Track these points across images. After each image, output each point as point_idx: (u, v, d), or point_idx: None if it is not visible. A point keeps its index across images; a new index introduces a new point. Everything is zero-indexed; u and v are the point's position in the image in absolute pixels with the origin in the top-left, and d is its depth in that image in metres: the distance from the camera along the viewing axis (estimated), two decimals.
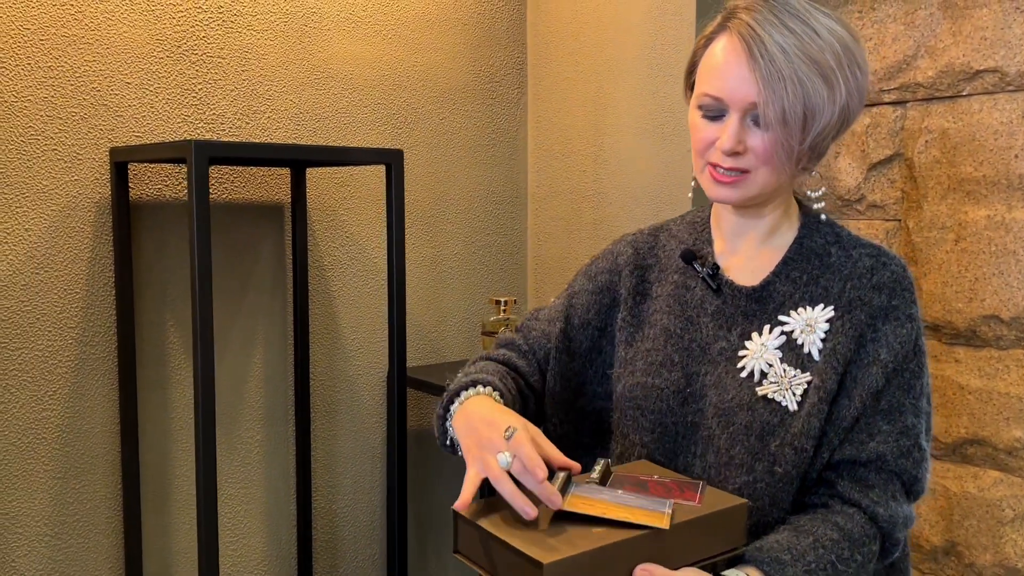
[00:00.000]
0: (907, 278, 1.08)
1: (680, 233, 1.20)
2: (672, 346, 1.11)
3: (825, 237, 1.11)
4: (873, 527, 1.03)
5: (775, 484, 1.02)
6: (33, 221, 1.56)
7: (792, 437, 1.02)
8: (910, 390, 1.05)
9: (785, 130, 0.98)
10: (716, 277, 1.12)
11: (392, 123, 1.98)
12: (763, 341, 1.06)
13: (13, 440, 1.57)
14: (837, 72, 0.99)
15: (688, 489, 0.96)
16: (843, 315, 1.05)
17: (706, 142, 1.04)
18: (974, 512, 1.68)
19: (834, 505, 1.03)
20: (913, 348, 1.05)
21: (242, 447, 1.83)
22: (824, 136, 1.01)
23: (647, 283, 1.18)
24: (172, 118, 1.69)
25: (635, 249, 1.20)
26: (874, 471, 1.03)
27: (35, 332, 1.58)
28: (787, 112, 0.97)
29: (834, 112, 0.99)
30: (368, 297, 1.98)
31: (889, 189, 1.79)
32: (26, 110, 1.55)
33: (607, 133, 2.03)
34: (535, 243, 2.25)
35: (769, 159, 1.01)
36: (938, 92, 1.69)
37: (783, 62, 0.97)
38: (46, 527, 1.60)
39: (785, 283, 1.09)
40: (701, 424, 1.07)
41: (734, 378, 1.06)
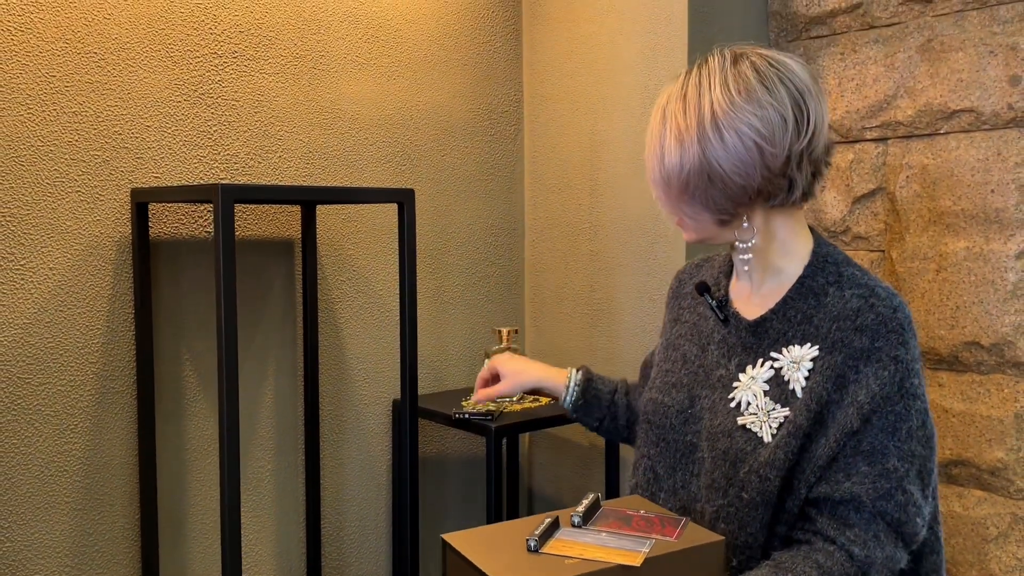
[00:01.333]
0: (895, 320, 1.07)
1: (717, 265, 1.31)
2: (685, 369, 1.22)
3: (827, 277, 1.14)
4: (851, 564, 1.04)
5: (743, 509, 1.07)
6: (57, 260, 1.62)
7: (759, 466, 1.07)
8: (894, 433, 1.04)
9: (656, 189, 1.15)
10: (724, 308, 1.20)
11: (396, 160, 2.06)
12: (754, 374, 1.13)
13: (36, 473, 1.61)
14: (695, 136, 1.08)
15: (669, 525, 1.01)
16: (825, 355, 1.08)
17: None
18: (959, 530, 1.75)
19: (815, 542, 1.06)
20: (898, 390, 1.05)
21: (254, 476, 1.88)
22: (699, 193, 1.10)
23: (681, 310, 1.31)
24: (189, 159, 1.76)
25: (679, 280, 1.35)
26: (854, 511, 1.04)
27: (58, 367, 1.62)
28: (652, 173, 1.13)
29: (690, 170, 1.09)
30: (375, 329, 2.05)
31: (873, 221, 1.88)
32: (52, 153, 1.60)
33: (602, 168, 2.11)
34: (532, 274, 2.32)
35: (670, 212, 1.17)
36: (917, 130, 1.79)
37: (656, 125, 1.13)
38: (67, 558, 1.64)
39: (781, 320, 1.14)
40: (698, 445, 1.15)
41: (724, 405, 1.14)
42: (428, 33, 2.09)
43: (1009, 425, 1.66)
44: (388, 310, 2.06)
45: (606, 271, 2.12)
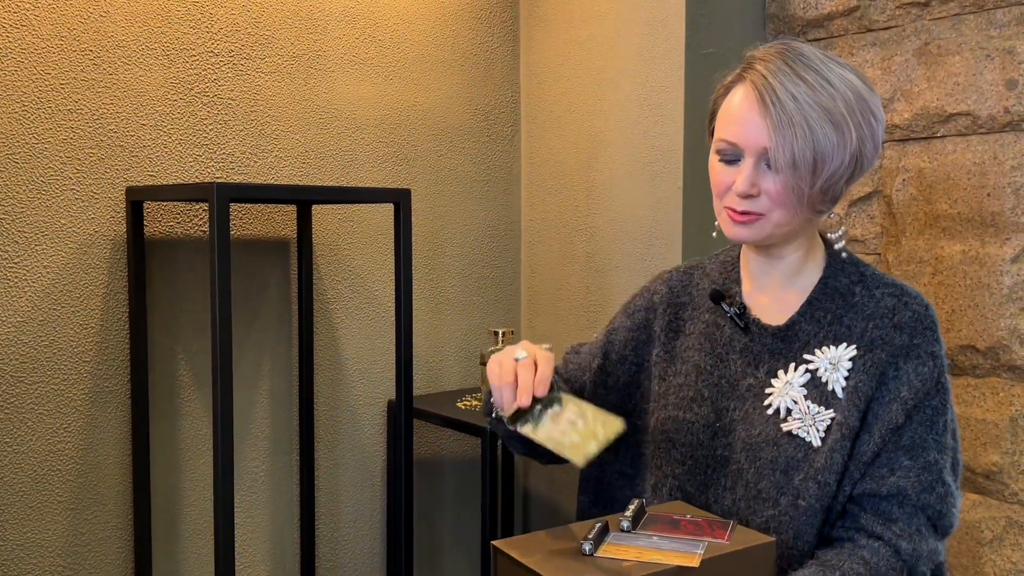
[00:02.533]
0: (929, 317, 1.10)
1: (712, 272, 1.25)
2: (703, 382, 1.16)
3: (850, 277, 1.14)
4: (899, 561, 1.04)
5: (799, 518, 1.06)
6: (51, 258, 1.61)
7: (815, 472, 1.05)
8: (933, 426, 1.07)
9: (795, 173, 1.03)
10: (744, 316, 1.16)
11: (393, 160, 2.05)
12: (788, 379, 1.10)
13: (29, 472, 1.60)
14: (848, 119, 1.03)
15: (718, 528, 1.00)
16: (865, 354, 1.09)
17: (724, 185, 1.09)
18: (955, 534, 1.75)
19: (859, 539, 1.06)
20: (935, 385, 1.08)
21: (248, 476, 1.87)
22: (835, 180, 1.05)
23: (680, 320, 1.23)
24: (184, 158, 1.75)
25: (670, 288, 1.26)
26: (897, 505, 1.05)
27: (52, 366, 1.62)
28: (796, 156, 1.02)
29: (845, 158, 1.04)
30: (370, 330, 2.04)
31: (869, 224, 1.88)
32: (46, 152, 1.60)
33: (599, 170, 2.11)
34: (528, 275, 2.32)
35: (781, 201, 1.05)
36: (914, 133, 1.79)
37: (793, 109, 1.02)
38: (59, 558, 1.63)
39: (810, 323, 1.13)
40: (730, 458, 1.11)
41: (761, 414, 1.11)
42: (425, 33, 2.09)
43: (1004, 429, 1.66)
44: (384, 310, 2.06)
45: (602, 272, 2.12)
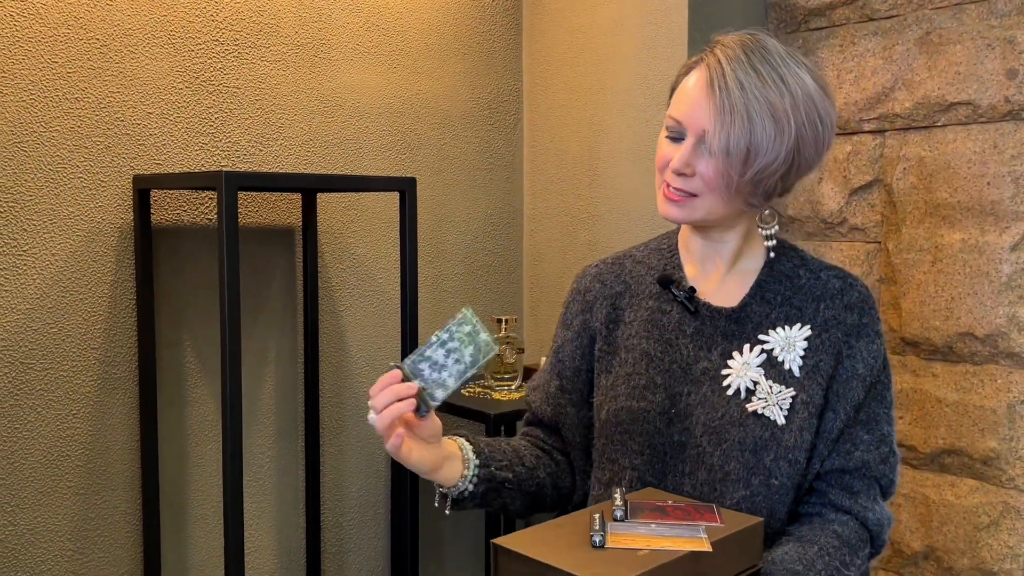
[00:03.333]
0: (871, 297, 1.17)
1: (647, 259, 1.24)
2: (653, 369, 1.15)
3: (792, 261, 1.18)
4: (864, 531, 1.11)
5: (771, 496, 1.09)
6: (59, 246, 1.62)
7: (786, 450, 1.08)
8: (883, 400, 1.14)
9: (727, 160, 1.04)
10: (693, 300, 1.17)
11: (396, 149, 2.06)
12: (745, 360, 1.12)
13: (39, 458, 1.62)
14: (791, 117, 1.04)
15: (706, 511, 1.02)
16: (820, 334, 1.12)
17: (663, 160, 1.12)
18: (952, 519, 1.77)
19: (827, 513, 1.11)
20: (883, 362, 1.14)
21: (254, 462, 1.89)
22: (767, 174, 1.06)
23: (618, 310, 1.22)
24: (190, 146, 1.76)
25: (601, 282, 1.25)
26: (858, 478, 1.12)
27: (60, 353, 1.63)
28: (731, 143, 1.03)
29: (780, 153, 1.05)
30: (375, 317, 2.06)
31: (869, 213, 1.90)
32: (53, 140, 1.61)
33: (601, 159, 2.12)
34: (531, 263, 2.33)
35: (712, 185, 1.07)
36: (915, 122, 1.80)
37: (738, 97, 1.03)
38: (69, 542, 1.65)
39: (761, 304, 1.15)
40: (688, 443, 1.12)
41: (721, 396, 1.11)
42: (428, 21, 2.09)
43: (1002, 415, 1.68)
44: (388, 298, 2.07)
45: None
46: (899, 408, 1.85)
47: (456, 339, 1.02)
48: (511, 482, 1.15)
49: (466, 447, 1.13)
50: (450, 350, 1.02)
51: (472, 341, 1.02)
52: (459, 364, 1.02)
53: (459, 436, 1.15)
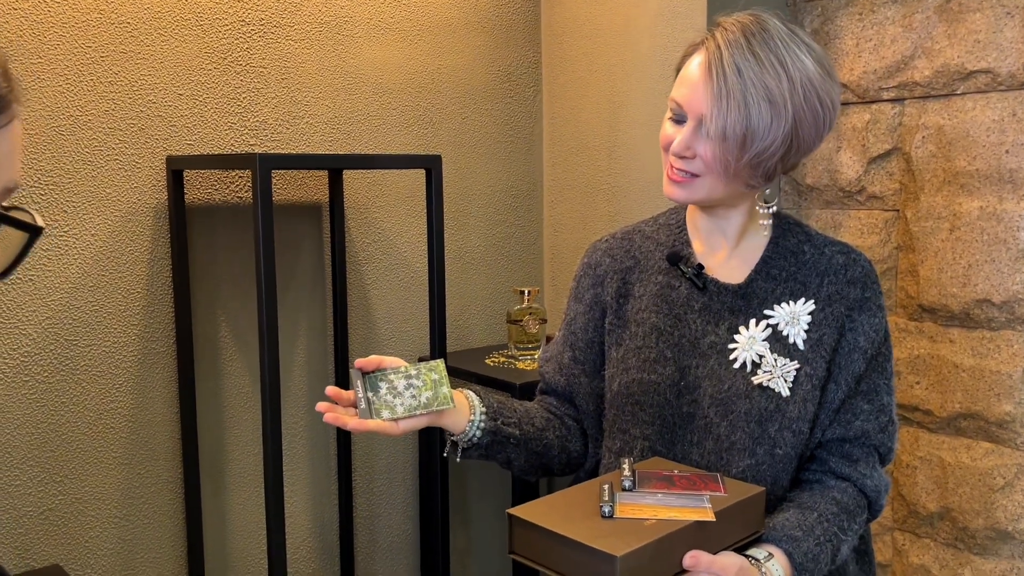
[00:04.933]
0: (874, 272, 1.20)
1: (656, 235, 1.27)
2: (664, 343, 1.19)
3: (797, 236, 1.21)
4: (862, 497, 1.16)
5: (776, 465, 1.13)
6: (98, 226, 1.68)
7: (790, 421, 1.12)
8: (883, 372, 1.18)
9: (724, 145, 1.06)
10: (701, 276, 1.20)
11: (419, 124, 2.10)
12: (751, 334, 1.16)
13: (85, 430, 1.69)
14: (788, 101, 1.06)
15: (710, 481, 1.06)
16: (824, 308, 1.16)
17: (666, 141, 1.14)
18: (967, 480, 1.82)
19: (827, 480, 1.16)
20: (884, 335, 1.18)
21: (287, 431, 1.96)
22: (765, 158, 1.08)
23: (628, 284, 1.25)
24: (220, 127, 1.80)
25: (612, 257, 1.28)
26: (858, 446, 1.16)
27: (102, 329, 1.69)
28: (727, 129, 1.05)
29: (777, 138, 1.06)
30: (401, 290, 2.11)
31: (888, 181, 1.92)
32: (89, 123, 1.65)
33: (621, 129, 2.14)
34: (551, 235, 2.37)
35: (710, 167, 1.10)
36: (934, 91, 1.81)
37: (734, 83, 1.05)
38: (116, 509, 1.73)
39: (766, 280, 1.18)
40: (696, 414, 1.16)
41: (728, 369, 1.15)
42: None
43: (1017, 380, 1.72)
44: (413, 271, 2.12)
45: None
46: (916, 373, 1.88)
47: (421, 379, 1.09)
48: (516, 439, 1.19)
49: (472, 397, 1.17)
50: (411, 385, 1.09)
51: (434, 388, 1.09)
52: (414, 400, 1.08)
53: (469, 389, 1.20)
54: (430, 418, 1.11)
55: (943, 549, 1.87)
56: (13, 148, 0.69)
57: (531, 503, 1.02)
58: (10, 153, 0.68)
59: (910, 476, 1.92)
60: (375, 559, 2.12)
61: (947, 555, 1.87)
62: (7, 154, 0.68)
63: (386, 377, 1.08)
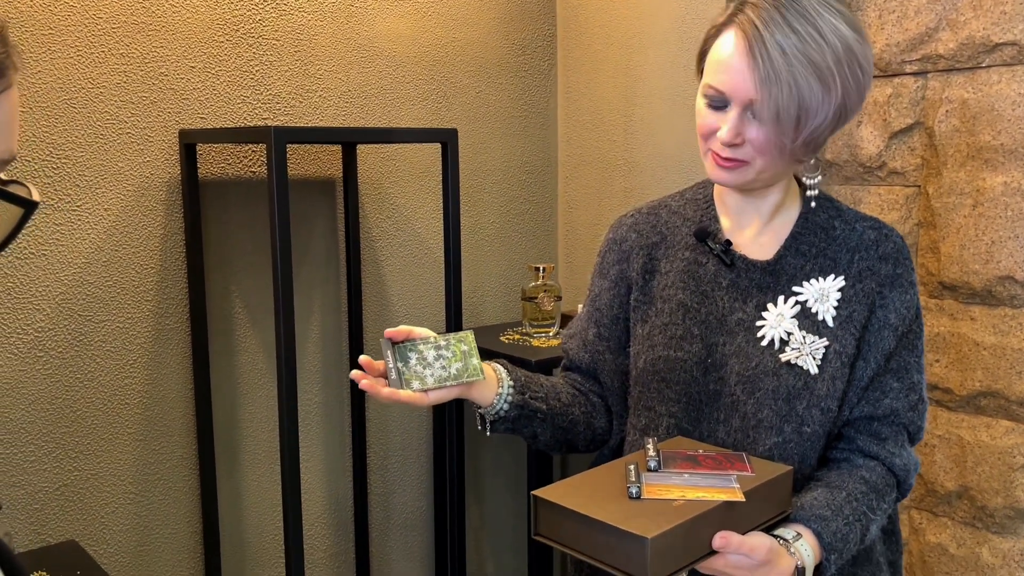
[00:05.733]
0: (906, 248, 1.18)
1: (683, 210, 1.25)
2: (690, 320, 1.17)
3: (828, 212, 1.19)
4: (891, 476, 1.15)
5: (803, 443, 1.11)
6: (111, 201, 1.66)
7: (818, 399, 1.11)
8: (914, 349, 1.16)
9: (778, 127, 1.03)
10: (729, 253, 1.18)
11: (433, 98, 2.07)
12: (779, 311, 1.14)
13: (99, 406, 1.68)
14: (836, 73, 1.03)
15: (736, 460, 1.04)
16: (854, 284, 1.14)
17: (709, 129, 1.10)
18: (986, 459, 1.80)
19: (855, 459, 1.14)
20: (915, 312, 1.16)
21: (302, 408, 1.95)
22: (818, 133, 1.06)
23: (655, 260, 1.23)
24: (233, 100, 1.78)
25: (638, 232, 1.26)
26: (887, 425, 1.14)
27: (116, 305, 1.68)
28: (781, 111, 1.02)
29: (829, 112, 1.04)
30: (415, 267, 2.09)
31: (910, 156, 1.89)
32: (101, 96, 1.63)
33: (637, 104, 2.11)
34: (565, 211, 2.34)
35: (764, 151, 1.07)
36: (958, 64, 1.78)
37: (781, 63, 1.01)
38: (131, 485, 1.73)
39: (796, 256, 1.16)
40: (723, 391, 1.14)
41: (755, 347, 1.13)
42: None
43: None
44: (428, 247, 2.10)
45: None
46: (936, 351, 1.86)
47: (450, 350, 1.08)
48: (544, 413, 1.19)
49: (500, 370, 1.17)
50: (441, 355, 1.07)
51: (463, 359, 1.08)
52: (443, 371, 1.07)
53: (497, 362, 1.20)
54: (460, 389, 1.10)
55: (961, 528, 1.86)
56: (10, 117, 0.66)
57: (555, 484, 1.01)
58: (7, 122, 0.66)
59: (928, 455, 1.91)
60: (389, 535, 2.12)
61: (965, 534, 1.86)
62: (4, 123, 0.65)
63: (415, 348, 1.06)
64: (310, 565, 1.99)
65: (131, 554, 1.73)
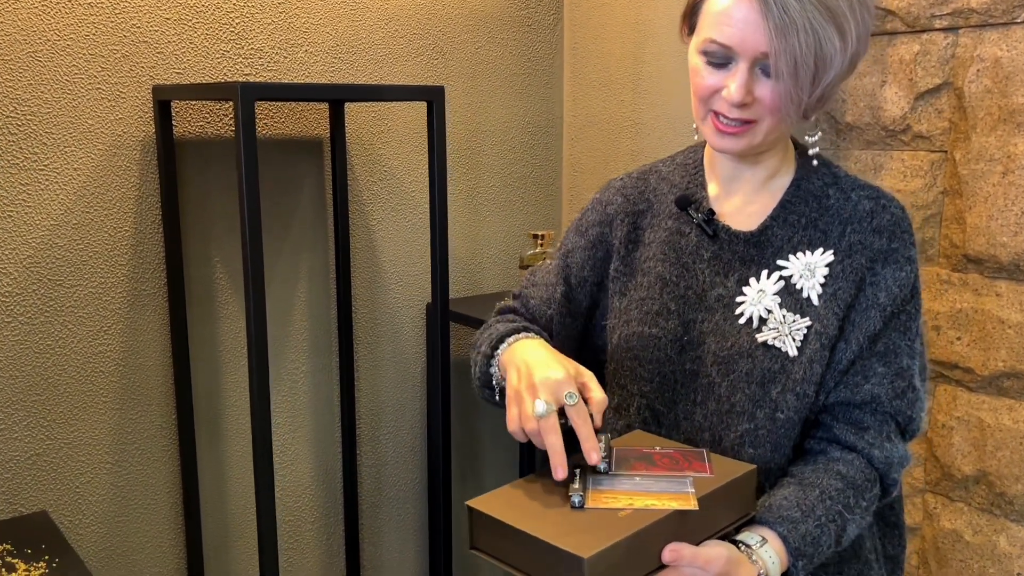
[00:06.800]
0: (906, 220, 1.07)
1: (672, 176, 1.17)
2: (668, 294, 1.10)
3: (823, 179, 1.09)
4: (872, 470, 1.05)
5: (776, 431, 1.03)
6: (81, 160, 1.58)
7: (794, 383, 1.02)
8: (906, 332, 1.05)
9: (795, 82, 0.96)
10: (712, 223, 1.10)
11: (427, 54, 1.96)
12: (761, 287, 1.06)
13: (72, 374, 1.62)
14: (850, 18, 0.95)
15: (695, 459, 0.96)
16: (843, 259, 1.05)
17: (710, 90, 1.01)
18: (1007, 443, 1.70)
19: (832, 451, 1.05)
20: (911, 290, 1.06)
21: (288, 377, 1.89)
22: (832, 85, 0.98)
23: (639, 229, 1.15)
24: (211, 54, 1.69)
25: (624, 196, 1.17)
26: (869, 413, 1.05)
27: (88, 269, 1.62)
28: (799, 64, 0.94)
29: (844, 61, 0.97)
30: (407, 231, 2.00)
31: (936, 119, 1.76)
32: (68, 49, 1.55)
33: (647, 61, 2.00)
34: (570, 175, 2.24)
35: (776, 110, 0.99)
36: (992, 18, 1.64)
37: (796, 11, 0.93)
38: (108, 455, 1.68)
39: (783, 227, 1.08)
40: (700, 372, 1.07)
41: (732, 325, 1.06)
42: None
43: None
44: (421, 211, 2.01)
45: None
46: (957, 328, 1.75)
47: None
48: None
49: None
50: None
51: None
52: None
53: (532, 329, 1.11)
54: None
55: (977, 514, 1.77)
56: None
57: (496, 492, 0.92)
58: None
59: (945, 437, 1.81)
60: (381, 508, 2.06)
61: (981, 521, 1.76)
62: None
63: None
64: (297, 537, 1.95)
65: (108, 524, 1.69)
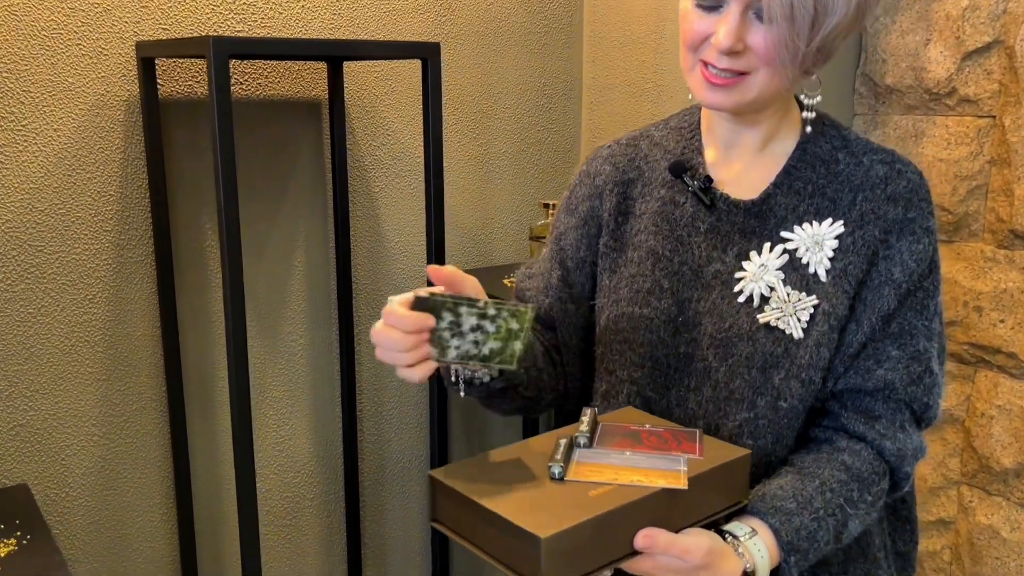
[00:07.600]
0: (924, 187, 0.97)
1: (665, 140, 1.07)
2: (661, 271, 1.00)
3: (832, 142, 0.99)
4: (882, 463, 0.95)
5: (779, 420, 0.94)
6: (62, 120, 1.51)
7: (798, 369, 0.93)
8: (923, 311, 0.96)
9: (792, 27, 0.85)
10: (709, 191, 0.99)
11: (435, 9, 1.85)
12: (763, 261, 0.96)
13: (56, 343, 1.57)
14: None
15: (685, 440, 0.88)
16: (854, 231, 0.95)
17: (699, 36, 0.91)
18: None
19: (839, 441, 0.96)
20: (929, 265, 0.96)
21: (286, 350, 1.82)
22: (835, 35, 0.87)
23: (630, 200, 1.05)
24: (199, 9, 1.60)
25: (613, 165, 1.07)
26: (881, 400, 0.96)
27: (72, 235, 1.55)
28: (795, 6, 0.84)
29: (849, 8, 0.85)
30: (411, 198, 1.91)
31: (985, 81, 1.60)
32: (47, 3, 1.47)
33: (670, 19, 1.87)
34: (589, 141, 2.12)
35: (771, 59, 0.88)
36: None
37: None
38: (95, 427, 1.63)
39: (788, 195, 0.97)
40: (695, 355, 0.98)
41: (731, 304, 0.97)
42: None
43: None
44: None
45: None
46: (1001, 310, 1.61)
47: (496, 324, 0.82)
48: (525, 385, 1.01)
49: None
50: (481, 328, 0.82)
51: (505, 341, 0.83)
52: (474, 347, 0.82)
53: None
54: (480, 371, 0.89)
55: (1016, 510, 1.64)
56: None
57: (468, 461, 0.84)
58: None
59: (984, 427, 1.68)
60: (383, 485, 2.00)
61: (1020, 517, 1.64)
62: None
63: (454, 307, 0.82)
64: (297, 512, 1.89)
65: (96, 497, 1.65)
